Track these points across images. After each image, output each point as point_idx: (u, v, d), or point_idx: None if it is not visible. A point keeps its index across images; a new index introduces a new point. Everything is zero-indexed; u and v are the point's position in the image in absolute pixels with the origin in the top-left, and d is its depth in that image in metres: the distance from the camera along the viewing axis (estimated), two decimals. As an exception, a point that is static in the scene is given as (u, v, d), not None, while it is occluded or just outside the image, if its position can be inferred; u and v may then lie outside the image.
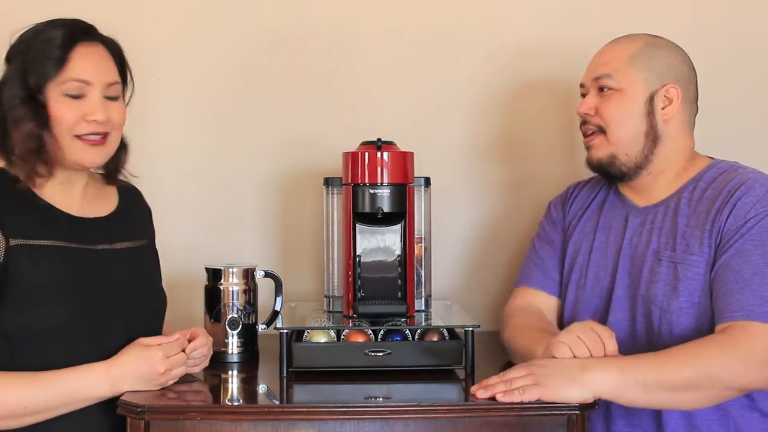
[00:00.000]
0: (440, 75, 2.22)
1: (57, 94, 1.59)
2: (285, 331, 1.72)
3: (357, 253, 1.83)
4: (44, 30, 1.62)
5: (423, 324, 1.82)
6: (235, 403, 1.64)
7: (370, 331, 1.76)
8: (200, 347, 1.67)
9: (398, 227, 1.84)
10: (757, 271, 1.61)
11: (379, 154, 1.80)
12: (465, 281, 2.23)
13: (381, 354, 1.70)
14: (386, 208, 1.81)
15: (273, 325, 1.84)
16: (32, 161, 1.60)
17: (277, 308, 1.89)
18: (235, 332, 1.85)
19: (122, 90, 1.69)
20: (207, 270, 1.89)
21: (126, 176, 1.77)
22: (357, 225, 1.83)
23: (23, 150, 1.59)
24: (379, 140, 1.81)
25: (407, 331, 1.76)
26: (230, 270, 1.87)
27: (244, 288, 1.87)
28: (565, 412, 1.49)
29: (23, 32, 1.63)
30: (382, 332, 1.76)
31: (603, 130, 1.77)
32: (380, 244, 1.85)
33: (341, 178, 1.86)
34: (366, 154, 1.80)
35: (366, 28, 2.21)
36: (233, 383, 1.77)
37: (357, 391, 1.66)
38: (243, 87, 2.21)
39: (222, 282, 1.86)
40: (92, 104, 1.61)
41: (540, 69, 2.21)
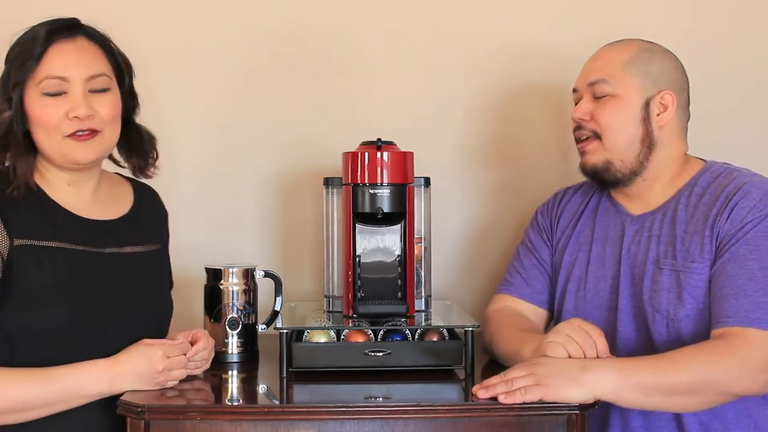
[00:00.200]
0: (440, 75, 2.22)
1: (35, 94, 1.59)
2: (285, 331, 1.72)
3: (357, 253, 1.83)
4: (30, 31, 1.62)
5: (423, 324, 1.82)
6: (235, 403, 1.64)
7: (370, 331, 1.76)
8: (201, 351, 1.67)
9: (398, 227, 1.84)
10: (752, 276, 1.61)
11: (379, 154, 1.80)
12: (465, 281, 2.23)
13: (381, 354, 1.70)
14: (386, 208, 1.80)
15: (273, 325, 1.84)
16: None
17: (277, 308, 1.89)
18: (235, 332, 1.85)
19: (121, 81, 1.67)
20: (207, 270, 1.89)
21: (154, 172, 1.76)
22: (357, 225, 1.83)
23: None
24: (379, 140, 1.81)
25: (407, 331, 1.76)
26: (230, 270, 1.87)
27: (244, 288, 1.87)
28: (565, 412, 1.49)
29: (18, 35, 1.63)
30: (382, 332, 1.76)
31: (598, 136, 1.76)
32: (380, 244, 1.85)
33: (341, 178, 1.86)
34: (366, 154, 1.80)
35: (366, 29, 2.21)
36: (233, 383, 1.77)
37: (357, 391, 1.66)
38: (243, 87, 2.21)
39: (222, 282, 1.86)
40: (72, 100, 1.58)
41: (540, 70, 2.22)
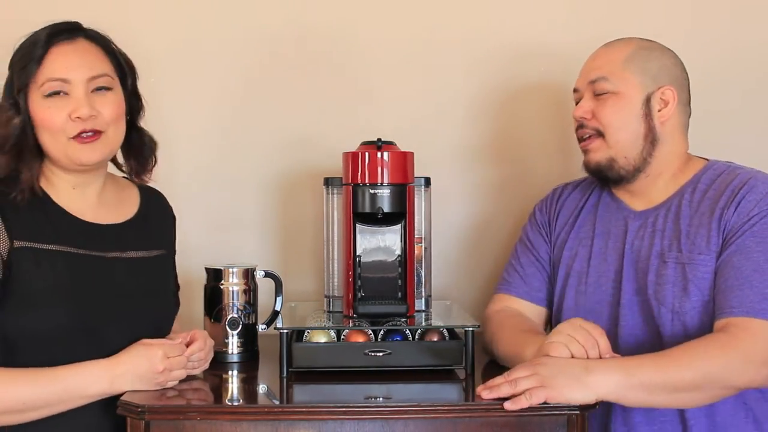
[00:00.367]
0: (440, 75, 2.22)
1: (38, 98, 1.59)
2: (285, 331, 1.72)
3: (357, 253, 1.83)
4: (31, 35, 1.62)
5: (423, 324, 1.82)
6: (235, 403, 1.64)
7: (370, 331, 1.76)
8: (198, 351, 1.66)
9: (398, 227, 1.84)
10: (758, 268, 1.61)
11: (379, 154, 1.80)
12: (465, 281, 2.23)
13: (381, 354, 1.69)
14: (386, 208, 1.80)
15: (273, 325, 1.84)
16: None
17: (277, 308, 1.89)
18: (235, 332, 1.85)
19: (124, 81, 1.67)
20: (207, 270, 1.89)
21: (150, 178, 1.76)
22: (357, 225, 1.83)
23: None
24: (379, 140, 1.81)
25: (407, 331, 1.76)
26: (230, 270, 1.87)
27: (244, 288, 1.87)
28: (565, 413, 1.49)
29: (21, 41, 1.63)
30: (382, 332, 1.76)
31: (601, 134, 1.76)
32: (380, 244, 1.85)
33: (341, 178, 1.86)
34: (366, 154, 1.80)
35: (366, 29, 2.21)
36: (233, 383, 1.77)
37: (357, 391, 1.66)
38: (243, 87, 2.21)
39: (222, 282, 1.86)
40: (74, 102, 1.59)
41: (540, 70, 2.22)
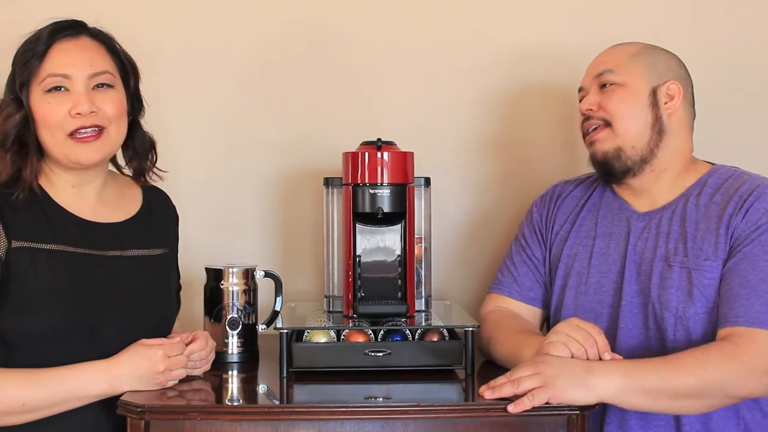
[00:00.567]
0: (440, 75, 2.22)
1: (39, 93, 1.59)
2: (285, 331, 1.72)
3: (357, 253, 1.83)
4: (35, 32, 1.62)
5: (423, 324, 1.81)
6: (235, 403, 1.64)
7: (370, 331, 1.76)
8: (198, 351, 1.66)
9: (398, 227, 1.84)
10: (764, 278, 1.61)
11: (379, 154, 1.80)
12: (465, 281, 2.23)
13: (381, 354, 1.69)
14: (386, 208, 1.80)
15: (273, 325, 1.84)
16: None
17: (277, 308, 1.89)
18: (235, 332, 1.85)
19: (126, 81, 1.67)
20: (207, 270, 1.89)
21: (155, 175, 1.77)
22: (357, 225, 1.83)
23: None
24: (379, 140, 1.81)
25: (407, 331, 1.76)
26: (230, 270, 1.87)
27: (244, 288, 1.87)
28: (565, 413, 1.49)
29: (25, 37, 1.63)
30: (382, 332, 1.76)
31: (608, 124, 1.76)
32: (380, 244, 1.85)
33: (341, 178, 1.86)
34: (366, 154, 1.80)
35: (367, 29, 2.21)
36: (233, 383, 1.77)
37: (357, 391, 1.66)
38: (243, 87, 2.21)
39: (222, 282, 1.86)
40: (74, 97, 1.59)
41: (540, 71, 2.22)
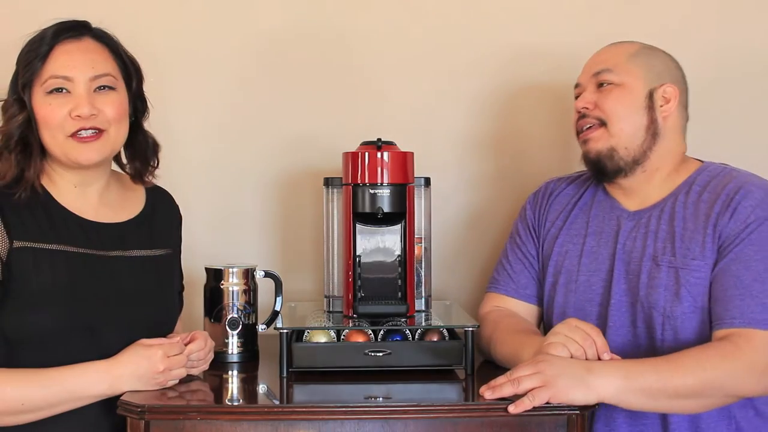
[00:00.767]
0: (441, 75, 2.22)
1: (41, 94, 1.60)
2: (285, 331, 1.72)
3: (357, 254, 1.83)
4: (39, 32, 1.62)
5: (423, 324, 1.81)
6: (235, 403, 1.64)
7: (370, 331, 1.76)
8: (197, 350, 1.65)
9: (398, 227, 1.84)
10: (758, 277, 1.61)
11: (379, 154, 1.80)
12: (465, 281, 2.23)
13: (381, 354, 1.70)
14: (386, 208, 1.80)
15: (273, 325, 1.84)
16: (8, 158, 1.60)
17: (277, 308, 1.89)
18: (235, 332, 1.85)
19: (128, 82, 1.67)
20: (207, 270, 1.89)
21: (154, 176, 1.77)
22: (357, 225, 1.83)
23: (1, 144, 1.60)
24: (379, 140, 1.81)
25: (407, 331, 1.76)
26: (230, 270, 1.87)
27: (244, 288, 1.87)
28: (565, 413, 1.49)
29: (29, 37, 1.63)
30: (382, 332, 1.76)
31: (603, 123, 1.76)
32: (380, 245, 1.85)
33: (341, 178, 1.86)
34: (366, 154, 1.80)
35: (367, 29, 2.21)
36: (233, 383, 1.77)
37: (357, 391, 1.66)
38: (243, 87, 2.21)
39: (222, 282, 1.86)
40: (75, 99, 1.59)
41: (540, 70, 2.21)
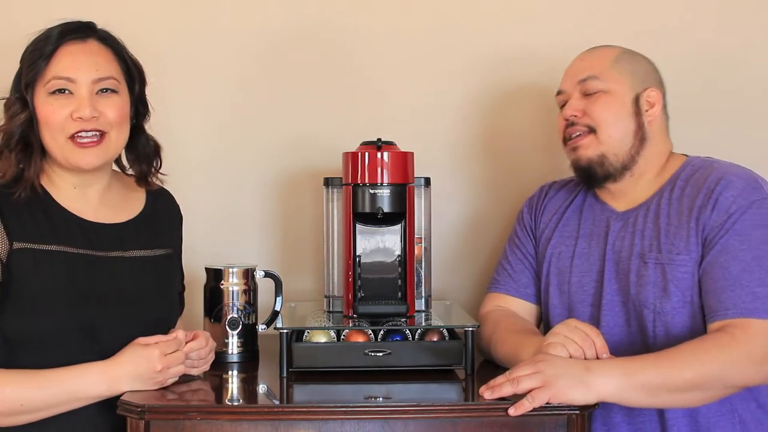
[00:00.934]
0: (441, 75, 2.22)
1: (43, 94, 1.60)
2: (285, 331, 1.72)
3: (357, 254, 1.83)
4: (45, 32, 1.63)
5: (423, 324, 1.81)
6: (235, 403, 1.64)
7: (370, 331, 1.76)
8: (198, 349, 1.65)
9: (398, 227, 1.84)
10: (746, 267, 1.62)
11: (379, 154, 1.80)
12: (465, 281, 2.23)
13: (381, 354, 1.70)
14: (386, 208, 1.80)
15: (273, 325, 1.84)
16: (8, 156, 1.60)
17: (277, 308, 1.89)
18: (235, 332, 1.85)
19: (131, 86, 1.68)
20: (207, 270, 1.89)
21: (157, 178, 1.78)
22: (357, 225, 1.83)
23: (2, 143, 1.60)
24: (379, 140, 1.81)
25: (407, 331, 1.76)
26: (230, 270, 1.87)
27: (244, 288, 1.87)
28: (565, 412, 1.49)
29: (34, 36, 1.64)
30: (382, 332, 1.76)
31: (593, 131, 1.77)
32: (380, 245, 1.85)
33: (341, 178, 1.86)
34: (366, 154, 1.80)
35: (366, 30, 2.21)
36: (233, 383, 1.77)
37: (357, 391, 1.66)
38: (243, 87, 2.21)
39: (222, 282, 1.86)
40: (77, 101, 1.59)
41: (540, 71, 2.21)
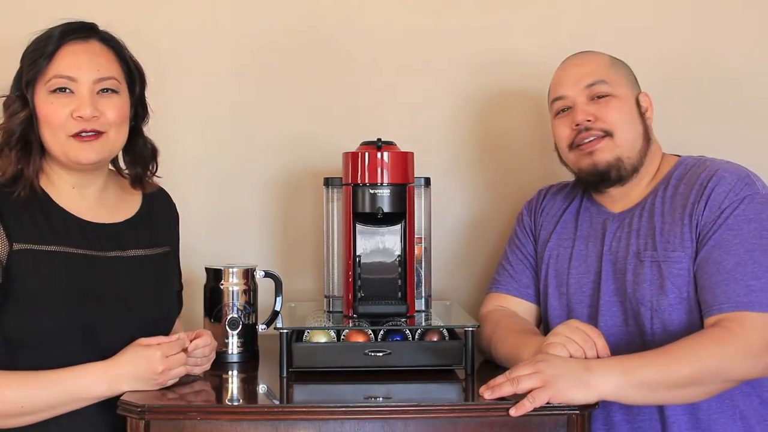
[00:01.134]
0: (441, 76, 2.22)
1: (44, 93, 1.60)
2: (285, 331, 1.72)
3: (357, 254, 1.83)
4: (46, 31, 1.63)
5: (423, 324, 1.81)
6: (235, 403, 1.64)
7: (370, 331, 1.76)
8: (202, 347, 1.65)
9: (398, 227, 1.84)
10: (740, 261, 1.63)
11: (379, 154, 1.80)
12: (465, 281, 2.23)
13: (381, 354, 1.70)
14: (386, 209, 1.80)
15: (273, 325, 1.84)
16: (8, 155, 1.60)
17: (277, 308, 1.89)
18: (235, 332, 1.85)
19: (131, 87, 1.68)
20: (207, 270, 1.89)
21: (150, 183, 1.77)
22: (357, 225, 1.83)
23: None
24: (379, 140, 1.81)
25: (407, 331, 1.76)
26: (230, 270, 1.87)
27: (244, 288, 1.87)
28: (566, 412, 1.49)
29: (36, 35, 1.64)
30: (382, 332, 1.76)
31: (608, 134, 1.77)
32: (380, 245, 1.85)
33: (341, 178, 1.86)
34: (366, 154, 1.80)
35: (367, 29, 2.21)
36: (233, 383, 1.77)
37: (357, 391, 1.66)
38: (243, 86, 2.21)
39: (222, 282, 1.86)
40: (78, 100, 1.59)
41: (540, 70, 2.21)
